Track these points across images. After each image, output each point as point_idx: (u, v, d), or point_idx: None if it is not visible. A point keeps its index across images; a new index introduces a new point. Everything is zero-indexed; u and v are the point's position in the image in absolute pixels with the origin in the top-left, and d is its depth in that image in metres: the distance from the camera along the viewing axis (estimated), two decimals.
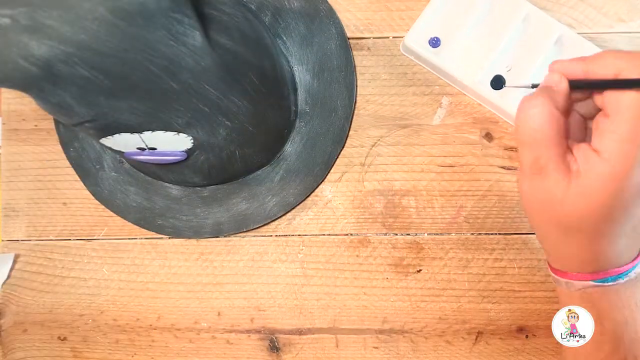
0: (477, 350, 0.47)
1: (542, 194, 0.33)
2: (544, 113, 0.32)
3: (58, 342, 0.50)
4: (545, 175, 0.32)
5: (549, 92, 0.33)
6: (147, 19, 0.30)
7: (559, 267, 0.37)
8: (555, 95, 0.32)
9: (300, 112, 0.48)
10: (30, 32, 0.28)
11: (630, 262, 0.34)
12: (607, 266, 0.34)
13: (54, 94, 0.31)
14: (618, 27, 0.48)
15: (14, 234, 0.51)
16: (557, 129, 0.32)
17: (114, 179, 0.49)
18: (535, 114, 0.32)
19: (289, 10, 0.49)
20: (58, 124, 0.50)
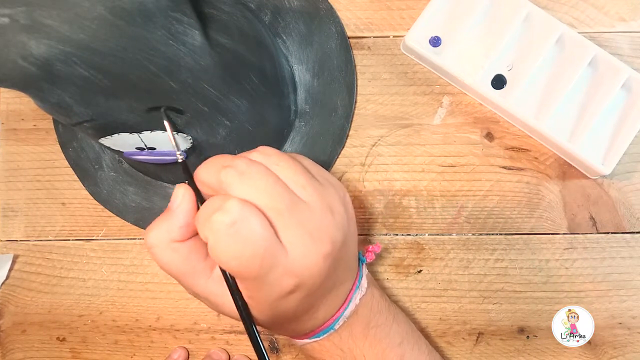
0: (478, 351, 0.47)
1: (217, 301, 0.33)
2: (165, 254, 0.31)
3: (57, 342, 0.50)
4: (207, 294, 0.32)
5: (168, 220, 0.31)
6: (146, 18, 0.30)
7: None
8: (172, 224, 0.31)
9: (300, 111, 0.48)
10: (29, 32, 0.28)
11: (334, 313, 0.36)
12: (312, 328, 0.36)
13: (53, 94, 0.31)
14: (619, 27, 0.48)
15: (13, 234, 0.51)
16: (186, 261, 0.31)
17: (113, 179, 0.49)
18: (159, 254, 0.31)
19: (288, 9, 0.49)
20: (57, 123, 0.50)
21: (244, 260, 0.28)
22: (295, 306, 0.32)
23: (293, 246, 0.29)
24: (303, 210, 0.30)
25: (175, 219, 0.31)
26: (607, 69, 0.45)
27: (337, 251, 0.31)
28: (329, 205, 0.31)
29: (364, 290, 0.38)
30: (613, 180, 0.47)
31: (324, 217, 0.31)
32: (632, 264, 0.47)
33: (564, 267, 0.47)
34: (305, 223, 0.30)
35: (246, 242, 0.28)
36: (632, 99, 0.45)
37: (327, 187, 0.33)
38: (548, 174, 0.47)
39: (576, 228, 0.47)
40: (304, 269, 0.30)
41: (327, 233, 0.31)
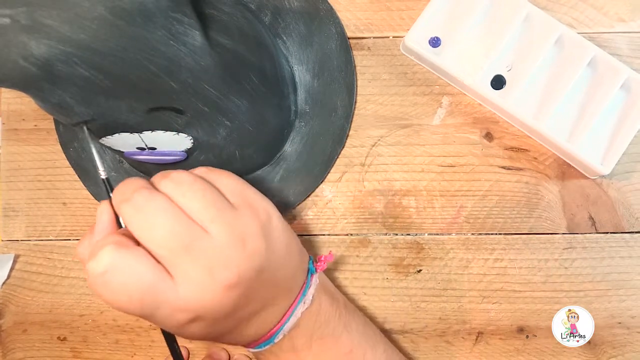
0: (478, 351, 0.47)
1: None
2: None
3: (58, 342, 0.50)
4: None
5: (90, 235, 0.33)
6: (146, 18, 0.30)
7: None
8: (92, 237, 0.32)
9: (300, 112, 0.48)
10: (29, 32, 0.28)
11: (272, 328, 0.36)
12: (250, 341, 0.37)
13: (54, 94, 0.31)
14: (618, 27, 0.48)
15: (14, 234, 0.51)
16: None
17: (114, 179, 0.49)
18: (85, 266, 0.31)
19: (288, 10, 0.49)
20: (58, 124, 0.50)
21: (121, 304, 0.29)
22: (205, 332, 0.33)
23: (185, 282, 0.29)
24: (203, 245, 0.30)
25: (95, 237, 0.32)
26: (607, 70, 0.45)
27: (248, 280, 0.31)
28: (241, 235, 0.31)
29: (308, 303, 0.37)
30: (612, 180, 0.47)
31: (230, 248, 0.31)
32: (631, 263, 0.47)
33: (563, 266, 0.47)
34: (203, 258, 0.30)
35: (118, 290, 0.29)
36: (631, 99, 0.45)
37: (243, 214, 0.32)
38: (547, 174, 0.48)
39: (575, 228, 0.47)
40: (199, 303, 0.30)
41: (231, 265, 0.31)
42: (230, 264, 0.31)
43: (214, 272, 0.30)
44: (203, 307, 0.30)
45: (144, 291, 0.29)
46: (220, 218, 0.31)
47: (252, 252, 0.32)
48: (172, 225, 0.29)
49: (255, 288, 0.33)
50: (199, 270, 0.30)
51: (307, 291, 0.38)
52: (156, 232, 0.29)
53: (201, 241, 0.30)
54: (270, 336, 0.36)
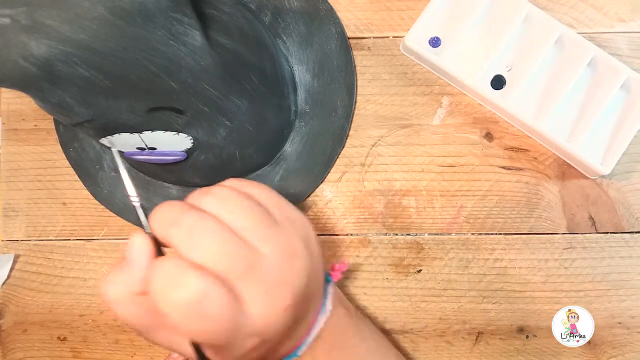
0: (478, 351, 0.47)
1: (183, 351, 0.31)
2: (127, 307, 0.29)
3: (58, 342, 0.50)
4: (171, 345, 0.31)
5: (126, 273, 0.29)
6: (146, 18, 0.30)
7: None
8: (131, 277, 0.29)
9: (300, 112, 0.48)
10: (29, 32, 0.28)
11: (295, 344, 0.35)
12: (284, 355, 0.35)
13: (54, 94, 0.31)
14: (618, 27, 0.48)
15: (14, 234, 0.51)
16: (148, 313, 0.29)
17: (114, 179, 0.49)
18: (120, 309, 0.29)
19: (288, 10, 0.49)
20: (58, 124, 0.50)
21: (208, 335, 0.27)
22: (265, 352, 0.32)
23: (254, 307, 0.28)
24: (261, 266, 0.28)
25: (135, 272, 0.29)
26: (607, 70, 0.45)
27: (298, 299, 0.30)
28: (290, 250, 0.30)
29: (328, 312, 0.37)
30: (612, 180, 0.47)
31: (284, 267, 0.29)
32: (631, 263, 0.47)
33: (563, 266, 0.47)
34: (264, 280, 0.28)
35: (210, 320, 0.26)
36: (631, 99, 0.45)
37: (287, 228, 0.31)
38: (547, 174, 0.48)
39: (575, 228, 0.47)
40: (265, 327, 0.29)
41: (287, 285, 0.30)
42: (286, 284, 0.29)
43: (275, 293, 0.29)
44: (268, 330, 0.29)
45: (230, 318, 0.27)
46: (270, 236, 0.29)
47: (300, 268, 0.31)
48: (231, 246, 0.28)
49: (299, 306, 0.31)
50: (262, 293, 0.28)
51: (326, 301, 0.37)
52: (217, 257, 0.27)
53: (258, 262, 0.28)
54: (295, 349, 0.35)
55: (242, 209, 0.29)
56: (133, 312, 0.29)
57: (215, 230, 0.28)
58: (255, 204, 0.30)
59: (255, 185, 0.32)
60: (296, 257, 0.30)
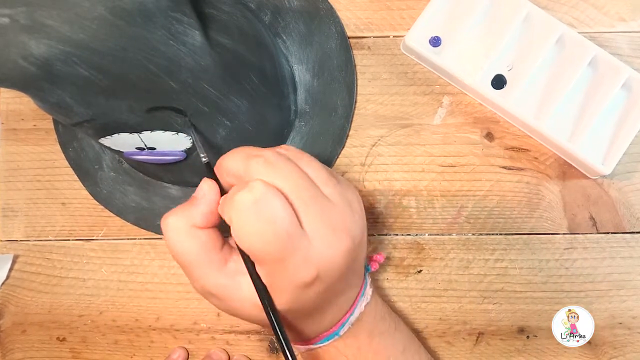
0: (478, 351, 0.47)
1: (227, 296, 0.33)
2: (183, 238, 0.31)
3: (57, 342, 0.50)
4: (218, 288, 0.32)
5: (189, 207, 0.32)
6: (146, 18, 0.30)
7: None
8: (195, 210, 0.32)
9: (300, 111, 0.48)
10: (29, 32, 0.28)
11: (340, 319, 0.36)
12: (318, 333, 0.36)
13: (53, 94, 0.31)
14: (619, 27, 0.48)
15: (13, 234, 0.51)
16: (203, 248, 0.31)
17: (113, 179, 0.49)
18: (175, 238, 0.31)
19: (288, 9, 0.49)
20: (57, 123, 0.50)
21: (266, 239, 0.29)
22: (312, 300, 0.32)
23: (316, 235, 0.30)
24: (326, 204, 0.31)
25: (199, 206, 0.32)
26: (607, 69, 0.45)
27: (355, 248, 0.32)
28: (350, 204, 0.32)
29: (368, 297, 0.38)
30: (613, 180, 0.47)
31: (345, 213, 0.31)
32: (632, 264, 0.47)
33: (564, 267, 0.47)
34: (328, 216, 0.30)
35: (269, 221, 0.28)
36: (632, 99, 0.45)
37: (348, 190, 0.33)
38: (548, 174, 0.47)
39: (576, 228, 0.47)
40: (325, 261, 0.30)
41: (348, 229, 0.31)
42: (347, 228, 0.31)
43: (337, 232, 0.30)
44: (326, 264, 0.30)
45: (288, 230, 0.29)
46: (333, 183, 0.32)
47: (358, 220, 0.33)
48: (301, 179, 0.30)
49: (353, 261, 0.33)
50: (326, 227, 0.30)
51: (366, 285, 0.38)
52: (289, 182, 0.30)
53: (323, 199, 0.31)
54: (338, 327, 0.36)
55: (309, 158, 0.33)
56: (187, 244, 0.31)
57: (290, 165, 0.31)
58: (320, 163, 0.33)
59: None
60: (356, 212, 0.33)
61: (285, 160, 0.31)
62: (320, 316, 0.35)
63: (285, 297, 0.31)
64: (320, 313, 0.35)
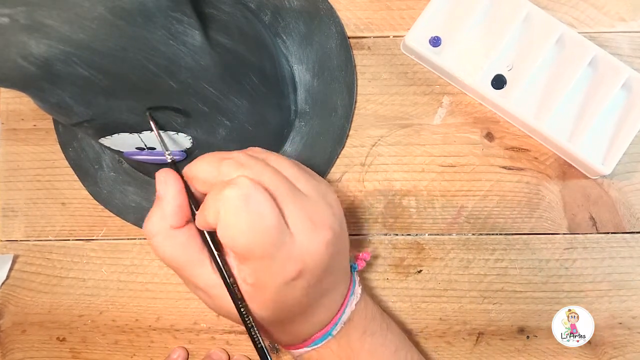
0: (478, 351, 0.47)
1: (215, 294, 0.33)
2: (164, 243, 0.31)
3: (57, 342, 0.50)
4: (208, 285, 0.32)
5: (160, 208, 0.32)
6: (146, 18, 0.30)
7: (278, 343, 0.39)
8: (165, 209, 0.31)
9: (300, 111, 0.48)
10: (29, 32, 0.28)
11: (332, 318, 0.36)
12: (311, 334, 0.36)
13: (53, 94, 0.31)
14: (619, 27, 0.48)
15: (13, 234, 0.51)
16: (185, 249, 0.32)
17: (113, 179, 0.49)
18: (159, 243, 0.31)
19: (288, 9, 0.49)
20: (57, 123, 0.50)
21: (255, 234, 0.29)
22: (299, 297, 0.32)
23: (298, 230, 0.30)
24: (303, 198, 0.31)
25: (166, 203, 0.31)
26: (607, 69, 0.45)
27: (336, 240, 0.32)
28: (326, 197, 0.33)
29: (358, 296, 0.38)
30: (613, 180, 0.47)
31: (322, 206, 0.32)
32: (632, 264, 0.47)
33: (564, 267, 0.47)
34: (306, 210, 0.31)
35: (258, 216, 0.28)
36: (632, 99, 0.45)
37: (322, 184, 0.34)
38: (548, 174, 0.47)
39: (576, 228, 0.47)
40: (308, 255, 0.30)
41: (327, 221, 0.31)
42: (326, 220, 0.31)
43: (317, 225, 0.31)
44: (310, 258, 0.31)
45: (275, 225, 0.29)
46: (308, 180, 0.32)
47: (337, 214, 0.33)
48: (276, 175, 0.30)
49: (336, 255, 0.33)
50: (306, 220, 0.30)
51: (355, 285, 0.39)
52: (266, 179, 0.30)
53: (300, 194, 0.31)
54: (330, 327, 0.36)
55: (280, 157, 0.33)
56: (169, 248, 0.31)
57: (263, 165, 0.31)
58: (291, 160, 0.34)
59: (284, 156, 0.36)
60: (332, 205, 0.33)
61: (256, 161, 0.31)
62: (311, 315, 0.35)
63: (270, 294, 0.31)
64: (310, 311, 0.35)
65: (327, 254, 0.31)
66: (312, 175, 0.34)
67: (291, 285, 0.31)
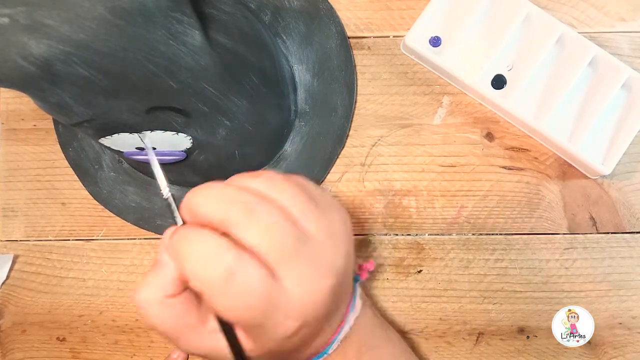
0: (478, 351, 0.47)
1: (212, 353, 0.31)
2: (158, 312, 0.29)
3: (57, 342, 0.50)
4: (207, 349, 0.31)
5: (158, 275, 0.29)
6: (146, 18, 0.30)
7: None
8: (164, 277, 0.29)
9: (300, 111, 0.48)
10: (29, 32, 0.28)
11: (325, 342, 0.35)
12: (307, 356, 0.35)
13: (53, 94, 0.31)
14: (619, 27, 0.48)
15: (13, 234, 0.51)
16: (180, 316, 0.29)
17: (113, 179, 0.49)
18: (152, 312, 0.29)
19: (288, 9, 0.49)
20: (57, 123, 0.50)
21: (241, 311, 0.27)
22: (299, 342, 0.31)
23: (297, 287, 0.28)
24: (308, 246, 0.29)
25: (169, 272, 0.29)
26: (607, 69, 0.45)
27: (340, 280, 0.30)
28: (332, 231, 0.30)
29: (357, 311, 0.36)
30: (613, 180, 0.47)
31: (328, 247, 0.30)
32: (632, 264, 0.47)
33: (564, 267, 0.47)
34: (310, 259, 0.29)
35: (242, 295, 0.26)
36: (632, 99, 0.45)
37: (329, 211, 0.31)
38: (548, 174, 0.47)
39: (576, 228, 0.47)
40: (308, 308, 0.29)
41: (330, 264, 0.30)
42: (329, 263, 0.30)
43: (319, 273, 0.29)
44: (311, 312, 0.29)
45: (264, 297, 0.27)
46: (315, 216, 0.30)
47: (341, 250, 0.31)
48: (283, 229, 0.28)
49: (339, 290, 0.31)
50: (308, 273, 0.28)
51: (355, 298, 0.37)
52: (270, 237, 0.27)
53: (305, 242, 0.28)
54: (327, 345, 0.35)
55: (290, 189, 0.30)
56: (163, 317, 0.29)
57: (272, 213, 0.28)
58: (300, 187, 0.30)
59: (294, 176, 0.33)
60: (338, 237, 0.31)
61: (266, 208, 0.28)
62: (309, 345, 0.34)
63: (269, 347, 0.30)
64: (308, 343, 0.34)
65: (329, 299, 0.30)
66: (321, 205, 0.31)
67: (293, 337, 0.30)
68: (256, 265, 0.27)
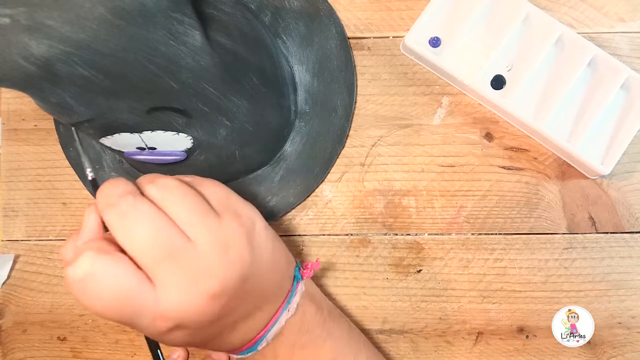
0: (478, 351, 0.47)
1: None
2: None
3: (58, 342, 0.50)
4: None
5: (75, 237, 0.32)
6: (146, 18, 0.30)
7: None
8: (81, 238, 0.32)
9: (300, 112, 0.48)
10: (29, 32, 0.28)
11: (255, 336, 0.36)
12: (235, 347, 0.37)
13: (54, 94, 0.31)
14: (618, 27, 0.48)
15: (14, 234, 0.51)
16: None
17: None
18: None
19: (288, 10, 0.49)
20: (58, 124, 0.50)
21: (98, 310, 0.29)
22: (187, 340, 0.33)
23: (166, 290, 0.29)
24: (187, 253, 0.30)
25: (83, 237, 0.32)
26: (607, 69, 0.45)
27: (232, 289, 0.31)
28: (224, 242, 0.31)
29: (292, 310, 0.37)
30: (612, 180, 0.47)
31: (214, 257, 0.31)
32: (631, 263, 0.47)
33: (563, 266, 0.47)
34: (187, 266, 0.30)
35: (96, 297, 0.29)
36: (631, 99, 0.45)
37: (227, 220, 0.32)
38: (547, 174, 0.48)
39: (575, 228, 0.47)
40: (180, 312, 0.30)
41: (215, 273, 0.31)
42: (214, 273, 0.31)
43: (198, 281, 0.30)
44: (185, 316, 0.30)
45: (122, 298, 0.29)
46: (204, 225, 0.31)
47: (235, 260, 0.32)
48: (157, 233, 0.29)
49: (240, 296, 0.32)
50: (181, 279, 0.30)
51: (291, 299, 0.38)
52: (140, 240, 0.29)
53: (185, 249, 0.30)
54: (254, 343, 0.36)
55: (180, 197, 0.31)
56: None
57: (146, 216, 0.30)
58: (195, 195, 0.32)
59: (204, 180, 0.34)
60: (231, 249, 0.31)
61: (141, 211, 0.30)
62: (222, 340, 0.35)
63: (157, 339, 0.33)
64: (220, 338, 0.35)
65: (213, 305, 0.31)
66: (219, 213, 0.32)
67: (169, 336, 0.31)
68: (121, 267, 0.29)
